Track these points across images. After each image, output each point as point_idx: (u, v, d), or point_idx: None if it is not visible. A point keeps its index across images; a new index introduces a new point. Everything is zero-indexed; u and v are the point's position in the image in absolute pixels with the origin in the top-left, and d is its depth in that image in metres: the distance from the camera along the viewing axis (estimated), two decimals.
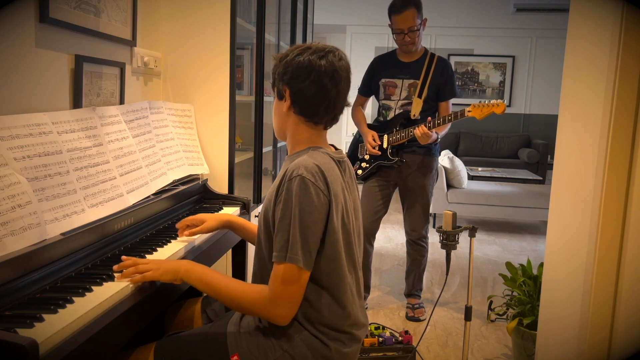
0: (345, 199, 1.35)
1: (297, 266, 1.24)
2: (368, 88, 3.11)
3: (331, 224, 1.29)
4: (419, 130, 2.75)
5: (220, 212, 2.10)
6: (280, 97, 1.41)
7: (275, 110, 1.46)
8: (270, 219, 1.32)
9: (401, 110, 2.97)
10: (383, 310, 3.19)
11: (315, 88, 1.35)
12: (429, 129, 2.76)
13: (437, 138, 2.88)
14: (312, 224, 1.25)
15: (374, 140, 2.94)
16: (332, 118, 1.41)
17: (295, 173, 1.27)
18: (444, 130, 2.92)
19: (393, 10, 2.85)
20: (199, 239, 1.72)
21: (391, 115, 3.00)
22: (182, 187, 2.04)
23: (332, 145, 1.46)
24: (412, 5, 2.80)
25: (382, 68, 3.03)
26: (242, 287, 1.33)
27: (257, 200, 2.78)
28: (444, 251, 2.26)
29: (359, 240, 1.43)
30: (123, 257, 1.37)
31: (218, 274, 1.35)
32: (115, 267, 1.34)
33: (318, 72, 1.34)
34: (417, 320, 3.06)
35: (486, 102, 2.73)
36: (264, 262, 1.37)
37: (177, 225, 1.69)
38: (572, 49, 1.83)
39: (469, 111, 2.74)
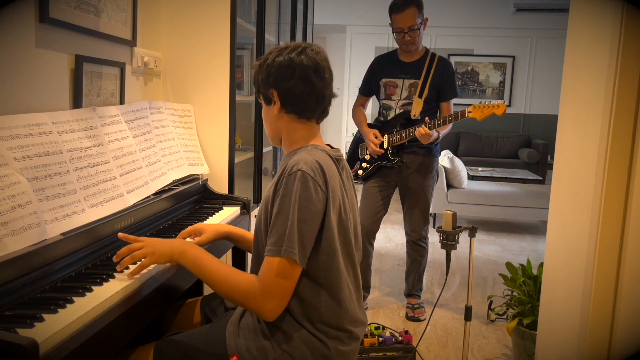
0: (342, 196, 1.36)
1: (292, 260, 1.24)
2: (369, 88, 3.11)
3: (328, 221, 1.29)
4: (419, 131, 2.75)
5: (220, 212, 2.10)
6: (269, 101, 1.42)
7: (265, 117, 1.47)
8: (269, 214, 1.32)
9: (401, 110, 2.97)
10: (383, 310, 3.19)
11: (302, 84, 1.36)
12: (430, 128, 2.75)
13: (438, 137, 2.87)
14: (308, 219, 1.26)
15: (376, 138, 2.94)
16: (322, 111, 1.43)
17: (295, 168, 1.28)
18: (445, 129, 2.91)
19: (394, 9, 2.85)
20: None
21: (392, 115, 3.00)
22: (182, 187, 2.04)
23: (329, 145, 1.47)
24: (413, 4, 2.80)
25: (383, 68, 3.03)
26: (234, 275, 1.32)
27: (257, 200, 2.78)
28: (444, 251, 2.26)
29: (356, 237, 1.43)
30: (120, 234, 1.41)
31: (211, 259, 1.35)
32: (114, 259, 1.36)
33: (301, 67, 1.35)
34: (417, 320, 3.06)
35: (487, 102, 2.73)
36: (263, 257, 1.36)
37: None
38: (572, 49, 1.83)
39: (469, 112, 2.74)
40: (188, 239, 1.66)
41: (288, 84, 1.36)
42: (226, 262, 2.31)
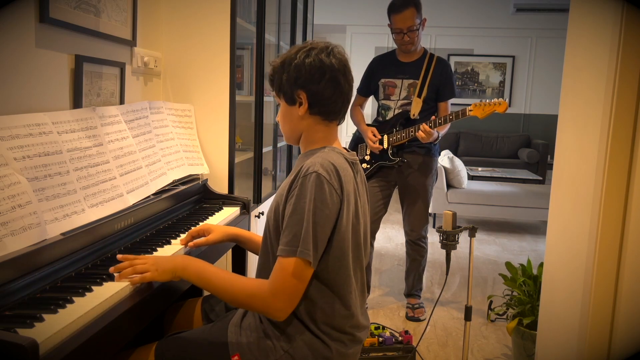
0: (356, 200, 1.36)
1: (306, 261, 1.24)
2: (367, 88, 3.11)
3: (340, 224, 1.29)
4: (421, 132, 2.75)
5: (220, 212, 2.10)
6: (292, 102, 1.39)
7: (285, 116, 1.43)
8: (280, 214, 1.32)
9: (400, 110, 2.97)
10: (383, 310, 3.19)
11: (332, 86, 1.35)
12: (431, 127, 2.76)
13: (438, 137, 2.88)
14: (322, 221, 1.25)
15: (374, 136, 2.94)
16: (345, 112, 1.43)
17: (311, 169, 1.27)
18: (444, 129, 2.92)
19: (392, 10, 2.86)
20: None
21: (390, 115, 3.00)
22: (182, 187, 2.03)
23: (344, 148, 1.46)
24: (411, 4, 2.81)
25: (382, 68, 3.03)
26: (240, 280, 1.32)
27: (257, 200, 2.78)
28: (444, 251, 2.26)
29: (366, 242, 1.43)
30: (118, 256, 1.37)
31: (215, 269, 1.35)
32: (111, 270, 1.33)
33: (331, 70, 1.34)
34: (417, 320, 3.06)
35: (488, 101, 2.73)
36: (271, 256, 1.36)
37: (182, 240, 1.65)
38: (572, 49, 1.83)
39: (470, 110, 2.74)
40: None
41: (318, 86, 1.35)
42: (226, 263, 2.32)
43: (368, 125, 3.05)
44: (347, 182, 1.31)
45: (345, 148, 1.45)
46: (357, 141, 3.14)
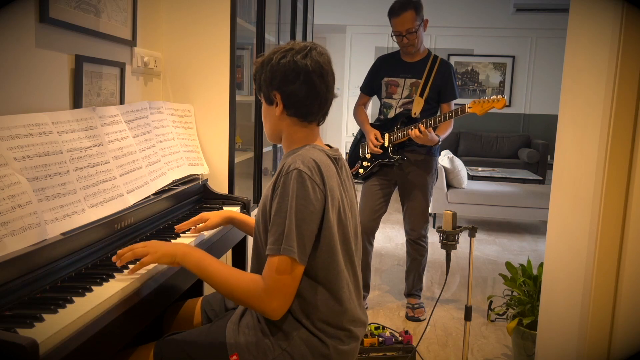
0: (341, 195, 1.36)
1: (291, 258, 1.25)
2: (370, 87, 3.12)
3: (327, 219, 1.30)
4: (414, 132, 2.75)
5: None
6: (270, 102, 1.41)
7: (265, 116, 1.46)
8: (267, 214, 1.32)
9: (402, 109, 2.97)
10: (383, 310, 3.19)
11: (306, 88, 1.36)
12: (426, 127, 2.75)
13: (439, 141, 2.87)
14: (307, 217, 1.26)
15: (376, 139, 2.95)
16: (324, 114, 1.43)
17: (292, 167, 1.28)
18: (445, 132, 2.92)
19: (391, 13, 2.87)
20: (198, 239, 1.72)
21: (392, 113, 3.00)
22: (182, 187, 2.03)
23: (328, 145, 1.47)
24: (410, 7, 2.81)
25: (386, 67, 3.05)
26: (237, 276, 1.32)
27: (257, 200, 2.78)
28: (444, 251, 2.27)
29: (356, 237, 1.44)
30: (119, 251, 1.38)
31: (215, 261, 1.35)
32: (113, 259, 1.36)
33: (306, 71, 1.35)
34: (417, 320, 3.06)
35: (486, 97, 2.74)
36: (262, 257, 1.37)
37: (178, 227, 1.70)
38: (572, 49, 1.83)
39: (469, 107, 2.75)
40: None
41: (292, 87, 1.35)
42: (226, 262, 2.31)
43: (371, 124, 3.06)
44: (329, 177, 1.31)
45: (328, 145, 1.46)
46: (359, 142, 3.14)
